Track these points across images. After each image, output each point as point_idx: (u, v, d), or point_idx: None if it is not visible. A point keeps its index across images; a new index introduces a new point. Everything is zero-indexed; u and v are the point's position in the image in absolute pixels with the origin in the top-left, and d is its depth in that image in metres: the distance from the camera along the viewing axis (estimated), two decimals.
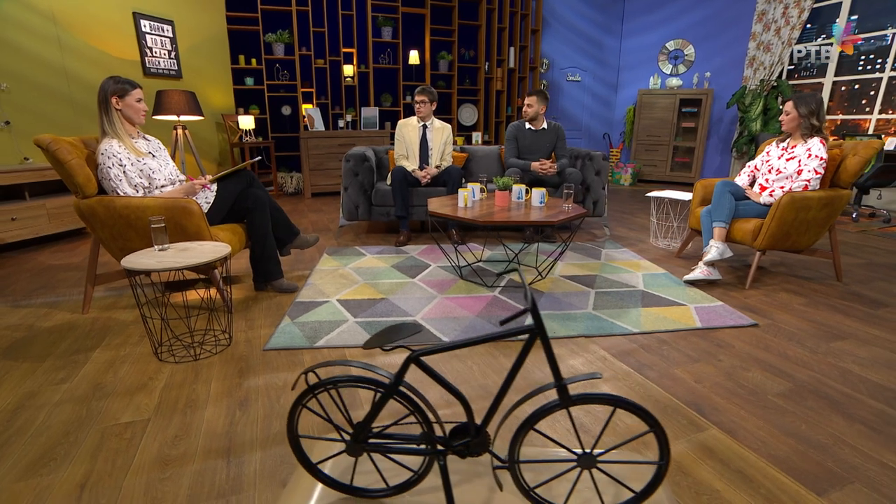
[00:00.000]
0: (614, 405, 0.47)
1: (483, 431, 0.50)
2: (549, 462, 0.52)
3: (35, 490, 1.16)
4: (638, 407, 0.48)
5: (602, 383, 1.64)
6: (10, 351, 1.85)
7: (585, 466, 0.50)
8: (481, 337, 0.52)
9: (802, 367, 1.76)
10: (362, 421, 0.52)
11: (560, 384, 0.51)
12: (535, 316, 0.51)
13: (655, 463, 0.49)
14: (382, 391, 0.50)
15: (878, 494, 1.15)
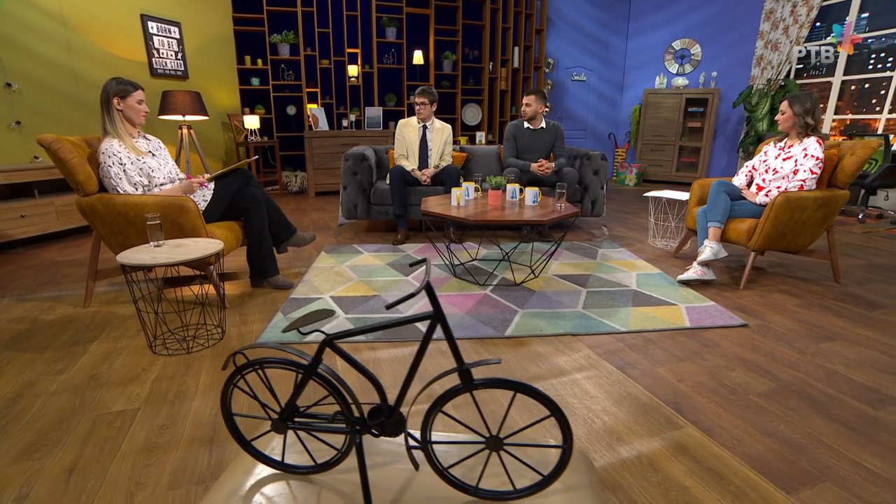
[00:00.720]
0: (514, 390, 0.50)
1: (397, 412, 0.53)
2: (460, 443, 0.54)
3: (26, 473, 1.21)
4: (537, 392, 0.50)
5: (586, 381, 1.65)
6: (13, 342, 1.92)
7: (493, 448, 0.52)
8: (385, 322, 0.55)
9: (788, 368, 1.76)
10: (287, 401, 0.56)
11: (462, 368, 0.53)
12: (434, 302, 0.53)
13: (559, 447, 0.51)
14: (302, 372, 0.53)
15: (847, 493, 1.16)
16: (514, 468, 0.50)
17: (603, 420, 1.43)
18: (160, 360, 1.78)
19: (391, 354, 1.84)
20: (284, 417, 0.54)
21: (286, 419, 0.54)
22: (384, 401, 0.53)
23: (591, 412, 1.47)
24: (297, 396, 0.55)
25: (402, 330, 2.01)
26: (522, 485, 0.48)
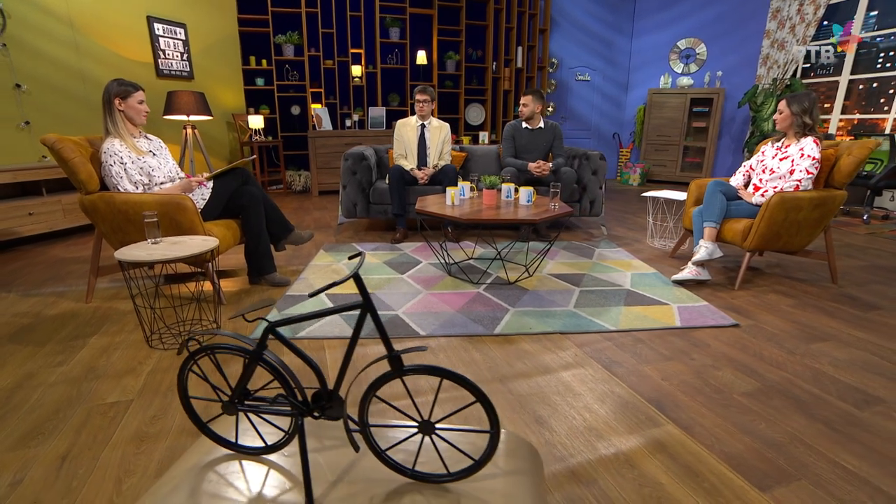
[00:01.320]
0: (441, 376, 0.52)
1: (336, 396, 0.56)
2: (396, 427, 0.57)
3: (22, 460, 1.26)
4: (463, 379, 0.52)
5: (571, 378, 1.67)
6: (16, 335, 1.99)
7: (426, 433, 0.55)
8: (319, 311, 0.57)
9: (775, 368, 1.76)
10: (236, 384, 0.59)
11: (392, 355, 0.56)
12: (363, 292, 0.56)
13: (487, 431, 0.53)
14: (248, 358, 0.56)
15: (822, 492, 1.16)
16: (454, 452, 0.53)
17: (584, 417, 1.45)
18: (156, 354, 1.83)
19: (381, 350, 1.87)
20: (234, 400, 0.57)
21: (235, 402, 0.57)
22: (324, 386, 0.56)
23: (572, 409, 1.49)
24: (245, 380, 0.57)
25: (391, 326, 2.04)
26: (459, 468, 0.50)
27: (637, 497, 1.14)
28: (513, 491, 0.51)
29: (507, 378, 1.66)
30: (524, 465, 0.56)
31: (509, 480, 0.52)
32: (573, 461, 1.26)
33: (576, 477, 1.20)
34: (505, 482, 0.52)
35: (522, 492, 0.51)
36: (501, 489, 0.51)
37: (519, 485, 0.52)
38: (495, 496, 0.49)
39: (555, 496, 1.14)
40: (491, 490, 0.50)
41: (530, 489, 0.53)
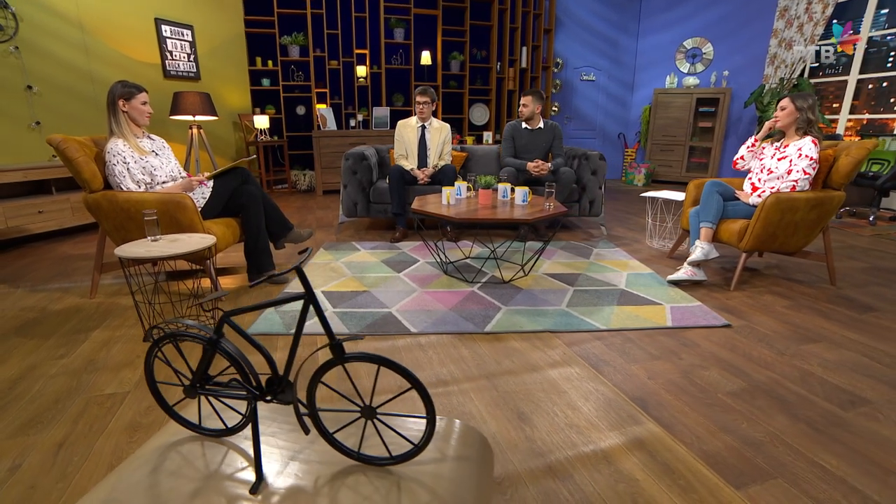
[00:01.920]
0: (378, 363, 0.55)
1: (287, 382, 0.59)
2: (341, 411, 0.60)
3: (21, 447, 1.31)
4: (397, 366, 0.55)
5: (557, 376, 1.69)
6: (21, 329, 2.05)
7: (368, 417, 0.58)
8: (266, 302, 0.60)
9: (763, 368, 1.76)
10: (196, 369, 0.62)
11: (333, 343, 0.59)
12: (304, 284, 0.59)
13: (423, 417, 0.56)
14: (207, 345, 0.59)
15: (797, 490, 1.17)
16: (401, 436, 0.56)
17: (566, 414, 1.47)
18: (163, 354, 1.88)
19: (372, 347, 1.90)
20: (194, 384, 0.61)
21: (196, 386, 0.61)
22: (275, 372, 0.59)
23: (555, 406, 1.51)
24: (205, 366, 0.61)
25: (383, 323, 2.08)
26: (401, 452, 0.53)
27: (611, 493, 1.16)
28: (457, 477, 0.53)
29: (493, 375, 1.69)
30: (472, 453, 0.58)
31: (455, 466, 0.55)
32: (551, 457, 1.28)
33: (552, 472, 1.22)
34: (450, 468, 0.54)
35: (466, 478, 0.54)
36: (446, 474, 0.53)
37: (464, 472, 0.55)
38: (439, 480, 0.52)
39: (529, 490, 1.16)
40: (435, 474, 0.53)
41: (475, 476, 0.55)
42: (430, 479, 0.52)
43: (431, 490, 0.50)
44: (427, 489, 0.50)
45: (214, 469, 0.55)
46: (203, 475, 0.54)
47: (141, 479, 0.53)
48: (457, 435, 0.60)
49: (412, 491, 0.50)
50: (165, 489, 0.52)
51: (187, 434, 0.61)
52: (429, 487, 0.51)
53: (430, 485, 0.51)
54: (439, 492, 0.50)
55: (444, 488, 0.51)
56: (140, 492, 0.51)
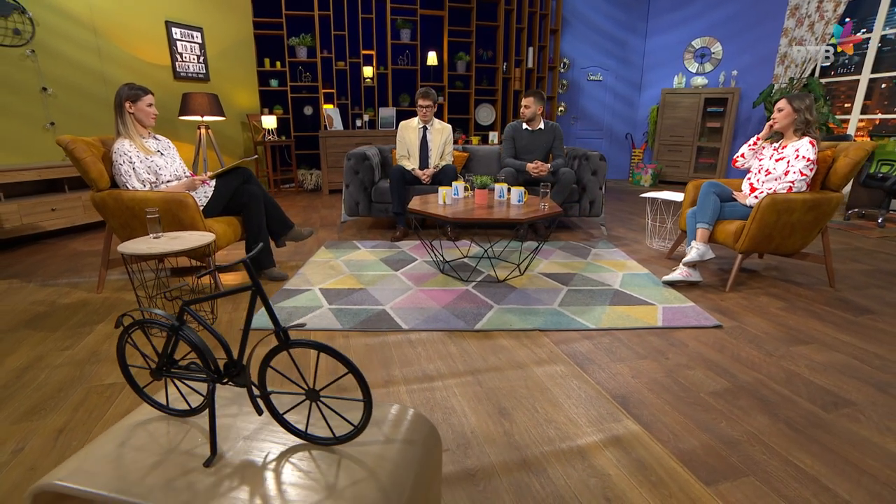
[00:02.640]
0: (318, 349, 0.59)
1: (241, 366, 0.63)
2: (289, 394, 0.64)
3: (24, 432, 1.39)
4: (336, 352, 0.59)
5: (541, 373, 1.72)
6: (31, 322, 2.15)
7: (312, 399, 0.62)
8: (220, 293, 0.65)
9: (749, 369, 1.77)
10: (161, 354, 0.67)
11: (278, 330, 0.63)
12: (251, 276, 0.63)
13: (360, 400, 0.60)
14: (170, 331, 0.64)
15: (767, 488, 1.19)
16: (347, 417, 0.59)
17: (546, 410, 1.50)
18: (154, 341, 1.95)
19: (363, 342, 1.95)
20: (160, 367, 0.66)
21: (161, 369, 0.66)
22: (230, 357, 0.64)
23: (536, 402, 1.54)
24: (168, 351, 0.66)
25: (377, 320, 2.12)
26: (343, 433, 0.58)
27: (582, 487, 1.19)
28: (398, 459, 0.57)
29: (478, 371, 1.73)
30: (419, 439, 0.62)
31: (398, 449, 0.59)
32: (527, 451, 1.31)
33: (527, 465, 1.26)
34: (393, 450, 0.58)
35: (408, 461, 0.57)
36: (387, 456, 0.57)
37: (406, 455, 0.58)
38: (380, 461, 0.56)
39: (502, 481, 1.20)
40: (377, 455, 0.57)
41: (418, 460, 0.59)
42: (371, 459, 0.56)
43: (370, 469, 0.54)
44: (366, 468, 0.54)
45: (175, 445, 0.60)
46: (165, 450, 0.59)
47: (109, 452, 0.59)
48: (406, 422, 0.64)
49: (351, 468, 0.54)
50: (129, 461, 0.57)
51: (156, 414, 0.66)
52: (368, 467, 0.55)
53: (369, 464, 0.55)
54: (377, 471, 0.54)
55: (383, 468, 0.55)
56: (106, 463, 0.57)
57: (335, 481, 0.53)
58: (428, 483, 0.60)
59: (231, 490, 0.52)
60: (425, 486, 0.60)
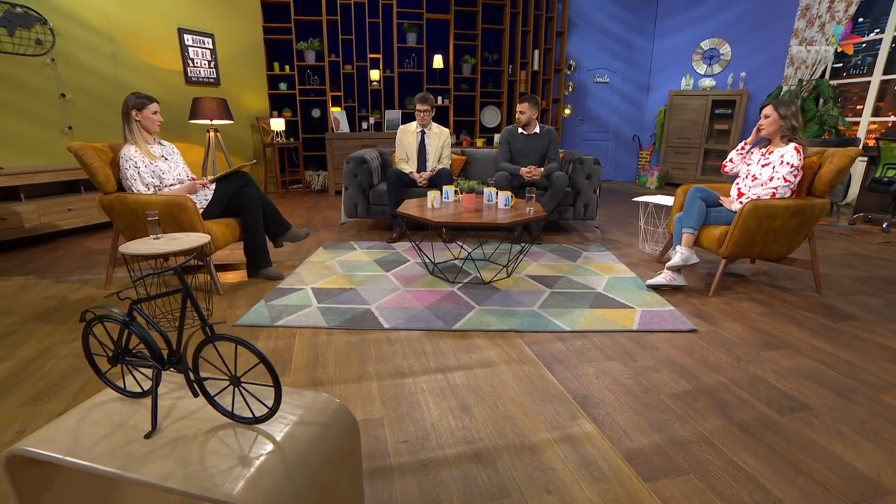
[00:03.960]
0: (235, 342, 0.68)
1: (180, 356, 0.73)
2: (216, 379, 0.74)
3: (28, 415, 1.53)
4: (250, 345, 0.68)
5: (508, 372, 1.79)
6: (43, 315, 2.31)
7: (235, 385, 0.71)
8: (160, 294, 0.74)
9: (714, 372, 1.82)
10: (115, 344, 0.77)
11: (205, 326, 0.72)
12: (182, 282, 0.73)
13: (270, 386, 0.69)
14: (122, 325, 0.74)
15: (704, 485, 1.25)
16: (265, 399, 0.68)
17: (506, 407, 1.58)
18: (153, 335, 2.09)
19: (345, 340, 2.05)
20: (115, 356, 0.76)
21: (117, 357, 0.76)
22: (170, 348, 0.73)
23: (498, 399, 1.62)
24: (120, 341, 0.76)
25: (361, 319, 2.23)
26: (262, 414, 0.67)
27: (526, 479, 1.26)
28: (308, 438, 0.66)
29: (448, 369, 1.81)
30: (334, 424, 0.71)
31: (310, 431, 0.68)
32: (480, 444, 1.40)
33: (478, 458, 1.34)
34: (305, 431, 0.68)
35: (317, 441, 0.67)
36: (299, 435, 0.67)
37: (317, 436, 0.68)
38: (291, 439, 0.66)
39: (452, 472, 1.28)
40: (289, 434, 0.67)
41: (329, 442, 0.68)
42: (282, 437, 0.65)
43: (280, 445, 0.64)
44: (276, 444, 0.64)
45: (125, 421, 0.70)
46: (116, 424, 0.70)
47: (70, 425, 0.70)
48: (324, 409, 0.73)
49: (263, 443, 0.64)
50: (84, 433, 0.68)
51: (115, 396, 0.77)
52: (279, 443, 0.64)
53: (280, 441, 0.65)
54: (285, 447, 0.64)
55: (291, 445, 0.64)
56: (66, 434, 0.68)
57: (247, 453, 0.63)
58: (340, 463, 0.69)
59: (161, 458, 0.62)
60: (337, 466, 0.69)
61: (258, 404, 0.74)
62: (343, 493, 0.72)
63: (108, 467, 0.63)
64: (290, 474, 0.62)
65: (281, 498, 0.59)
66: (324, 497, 0.66)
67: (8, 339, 2.07)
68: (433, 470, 1.29)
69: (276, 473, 0.61)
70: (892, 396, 1.67)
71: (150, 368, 0.73)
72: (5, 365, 1.86)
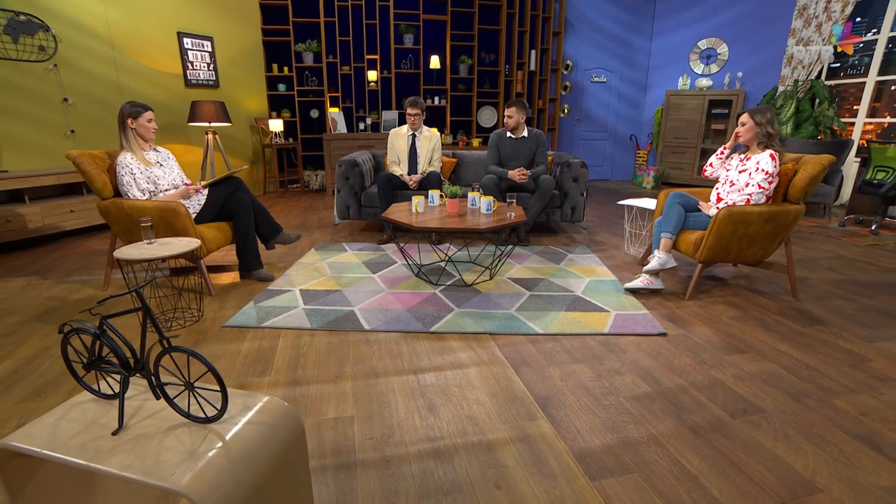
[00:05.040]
0: (188, 353, 0.77)
1: (143, 363, 0.83)
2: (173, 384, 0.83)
3: (26, 411, 1.64)
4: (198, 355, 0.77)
5: (476, 373, 1.88)
6: (43, 315, 2.43)
7: (189, 389, 0.81)
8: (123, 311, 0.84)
9: (676, 376, 1.89)
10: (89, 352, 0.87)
11: (162, 339, 0.81)
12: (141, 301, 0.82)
13: (216, 390, 0.78)
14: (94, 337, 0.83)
15: (647, 484, 1.33)
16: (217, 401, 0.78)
17: (470, 407, 1.67)
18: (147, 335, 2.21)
19: (326, 340, 2.15)
20: (90, 362, 0.86)
21: (91, 364, 0.86)
22: (134, 357, 0.83)
23: (464, 399, 1.71)
24: (93, 350, 0.85)
25: (343, 320, 2.32)
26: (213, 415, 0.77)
27: (479, 475, 1.35)
28: (252, 436, 0.76)
29: (420, 370, 1.90)
30: (279, 424, 0.81)
31: (255, 430, 0.77)
32: (441, 442, 1.49)
33: (437, 455, 1.43)
34: (250, 430, 0.77)
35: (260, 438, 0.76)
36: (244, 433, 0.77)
37: (261, 434, 0.77)
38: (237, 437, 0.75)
39: (411, 467, 1.38)
40: (236, 433, 0.76)
41: (272, 440, 0.78)
42: (231, 436, 0.75)
43: (226, 442, 0.74)
44: (224, 441, 0.74)
45: (97, 419, 0.80)
46: (89, 422, 0.80)
47: (50, 422, 0.80)
48: (270, 411, 0.83)
49: (213, 440, 0.74)
50: (61, 429, 0.78)
51: (91, 397, 0.88)
52: (226, 441, 0.74)
53: (227, 438, 0.74)
54: (231, 444, 0.74)
55: (237, 442, 0.74)
56: (46, 430, 0.78)
57: (197, 448, 0.72)
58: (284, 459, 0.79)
59: (124, 452, 0.72)
60: (281, 460, 0.78)
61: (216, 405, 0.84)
62: (287, 486, 0.82)
63: (78, 459, 0.73)
64: (233, 467, 0.71)
65: (222, 488, 0.68)
66: (265, 488, 0.75)
67: (10, 339, 2.19)
68: (394, 465, 1.39)
69: (219, 466, 0.70)
70: (844, 401, 1.74)
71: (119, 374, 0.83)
72: (7, 363, 1.98)
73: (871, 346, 2.16)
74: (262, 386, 1.81)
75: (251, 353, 2.05)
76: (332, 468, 1.38)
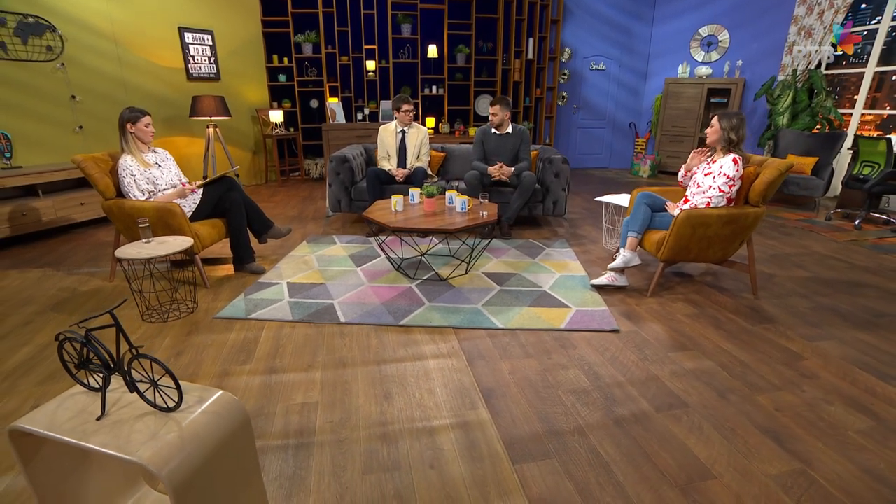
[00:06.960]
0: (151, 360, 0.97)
1: (119, 364, 1.04)
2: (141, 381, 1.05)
3: (42, 392, 1.90)
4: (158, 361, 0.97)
5: (433, 365, 2.09)
6: (56, 306, 2.70)
7: (154, 385, 1.02)
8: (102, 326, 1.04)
9: (616, 371, 2.07)
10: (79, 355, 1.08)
11: (131, 348, 1.02)
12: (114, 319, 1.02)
13: (172, 388, 1.00)
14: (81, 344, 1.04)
15: (562, 469, 1.53)
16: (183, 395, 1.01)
17: (422, 396, 1.88)
18: (144, 326, 2.46)
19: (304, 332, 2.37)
20: (80, 363, 1.08)
21: (82, 364, 1.08)
22: (112, 358, 1.03)
23: (418, 389, 1.92)
24: (82, 354, 1.07)
25: (322, 313, 2.54)
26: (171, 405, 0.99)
27: (417, 457, 1.57)
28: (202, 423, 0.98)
29: (383, 361, 2.12)
30: (224, 412, 1.03)
31: (204, 418, 1.00)
32: (390, 427, 1.70)
33: (384, 437, 1.65)
34: (200, 418, 0.99)
35: (208, 424, 0.98)
36: (195, 420, 0.99)
37: (209, 421, 0.99)
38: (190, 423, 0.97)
39: (360, 447, 1.60)
40: (190, 419, 0.99)
41: (220, 427, 1.00)
42: (185, 422, 0.97)
43: (181, 426, 0.96)
44: (179, 426, 0.96)
45: (86, 408, 1.03)
46: (79, 410, 1.02)
47: (49, 409, 1.03)
48: (219, 402, 1.05)
49: (171, 425, 0.96)
50: (59, 415, 1.01)
51: (82, 390, 1.10)
52: (180, 424, 0.96)
53: (182, 423, 0.97)
54: (185, 427, 0.96)
55: (188, 427, 0.96)
56: (47, 415, 1.02)
57: (158, 431, 0.94)
58: (228, 439, 1.01)
59: (103, 433, 0.95)
60: (226, 441, 1.01)
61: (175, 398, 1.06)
62: (231, 462, 1.04)
63: (69, 438, 0.95)
64: (184, 445, 0.93)
65: (173, 461, 0.90)
66: (211, 462, 0.97)
67: (28, 327, 2.46)
68: (346, 445, 1.61)
69: (173, 444, 0.92)
70: (766, 397, 1.91)
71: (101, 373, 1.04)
72: (26, 349, 2.25)
73: (810, 344, 2.30)
74: (243, 374, 2.04)
75: (237, 343, 2.28)
76: (294, 447, 1.61)
